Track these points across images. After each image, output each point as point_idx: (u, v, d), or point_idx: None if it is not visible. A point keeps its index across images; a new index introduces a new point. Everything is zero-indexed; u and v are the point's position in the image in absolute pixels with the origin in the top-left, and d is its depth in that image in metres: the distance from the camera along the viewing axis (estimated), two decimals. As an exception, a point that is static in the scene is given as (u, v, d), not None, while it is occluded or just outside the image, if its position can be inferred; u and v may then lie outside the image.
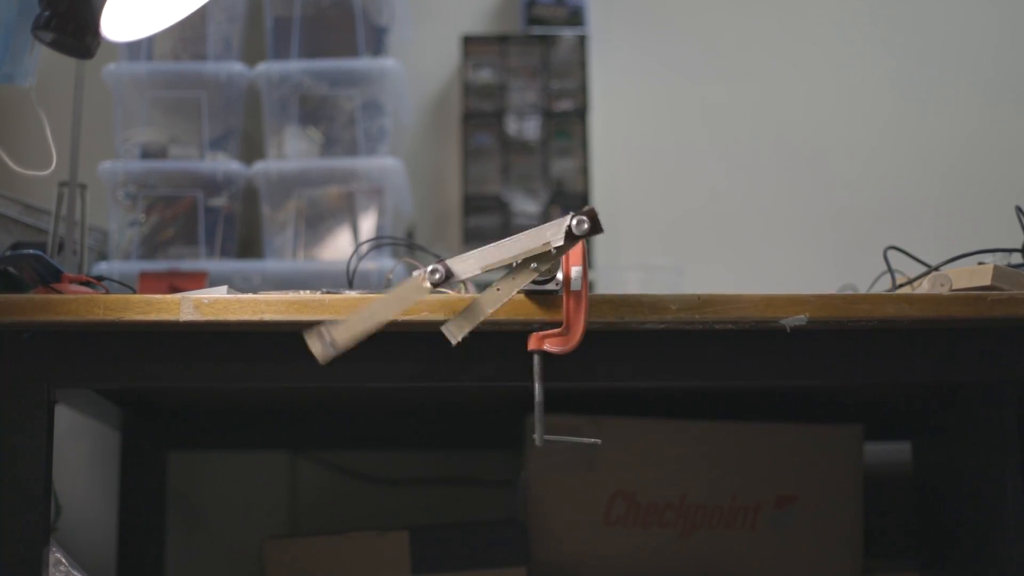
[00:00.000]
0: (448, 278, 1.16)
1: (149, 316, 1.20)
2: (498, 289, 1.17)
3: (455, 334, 1.16)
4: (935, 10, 2.37)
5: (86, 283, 1.37)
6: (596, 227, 1.15)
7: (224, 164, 2.03)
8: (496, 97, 2.25)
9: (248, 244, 2.15)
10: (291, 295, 1.22)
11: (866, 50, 2.35)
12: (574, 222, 1.15)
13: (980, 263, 1.38)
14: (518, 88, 2.25)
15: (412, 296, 1.17)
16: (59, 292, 1.30)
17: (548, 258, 1.17)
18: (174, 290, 1.60)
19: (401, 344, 1.26)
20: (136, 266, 1.95)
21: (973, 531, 1.53)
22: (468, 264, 1.17)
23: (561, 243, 1.15)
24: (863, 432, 1.78)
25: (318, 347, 1.13)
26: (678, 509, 1.74)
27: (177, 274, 1.92)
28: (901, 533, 1.89)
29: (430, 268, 1.16)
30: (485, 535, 1.71)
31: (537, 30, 2.26)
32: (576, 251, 1.20)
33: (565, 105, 2.24)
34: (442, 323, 1.20)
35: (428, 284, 1.16)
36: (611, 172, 2.28)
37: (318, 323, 1.13)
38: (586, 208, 1.15)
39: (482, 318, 1.16)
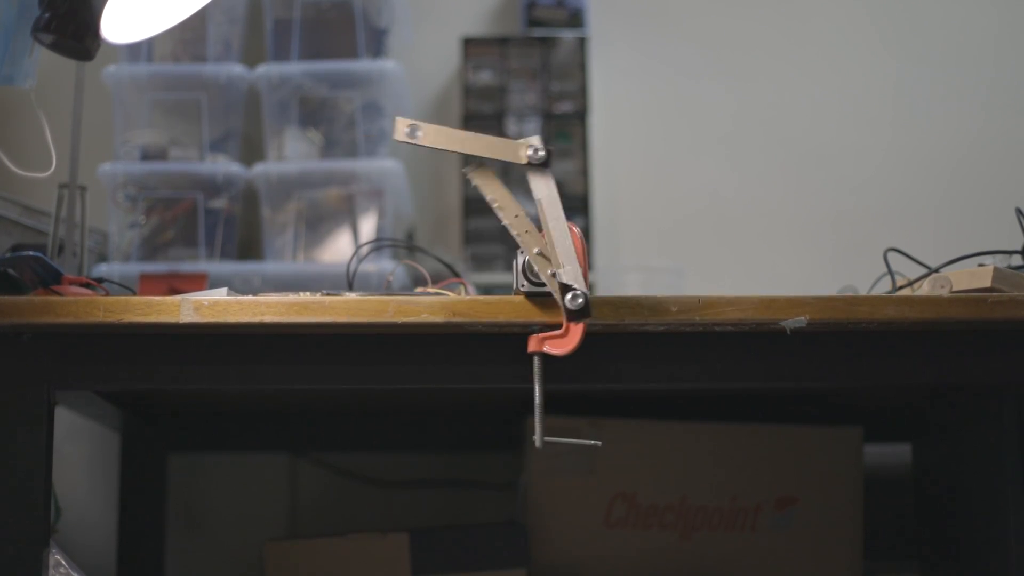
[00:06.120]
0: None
1: (149, 318, 1.20)
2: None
3: None
4: (934, 12, 2.36)
5: (86, 285, 1.37)
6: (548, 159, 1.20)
7: (224, 166, 2.03)
8: (496, 99, 2.25)
9: (248, 246, 2.15)
10: (291, 297, 1.22)
11: (867, 52, 2.35)
12: (531, 151, 1.19)
13: (980, 265, 1.37)
14: (518, 90, 2.25)
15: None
16: (59, 294, 1.30)
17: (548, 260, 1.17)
18: (174, 292, 1.60)
19: (401, 345, 1.26)
20: (136, 268, 1.95)
21: (974, 533, 1.53)
22: None
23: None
24: (863, 434, 1.78)
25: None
26: (678, 511, 1.74)
27: (177, 276, 1.92)
28: (901, 535, 1.89)
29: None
30: (485, 537, 1.71)
31: (537, 32, 2.26)
32: (576, 252, 1.19)
33: (565, 107, 2.24)
34: (442, 324, 1.20)
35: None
36: (611, 174, 2.28)
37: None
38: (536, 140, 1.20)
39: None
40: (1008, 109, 2.32)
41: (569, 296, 1.16)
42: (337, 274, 1.90)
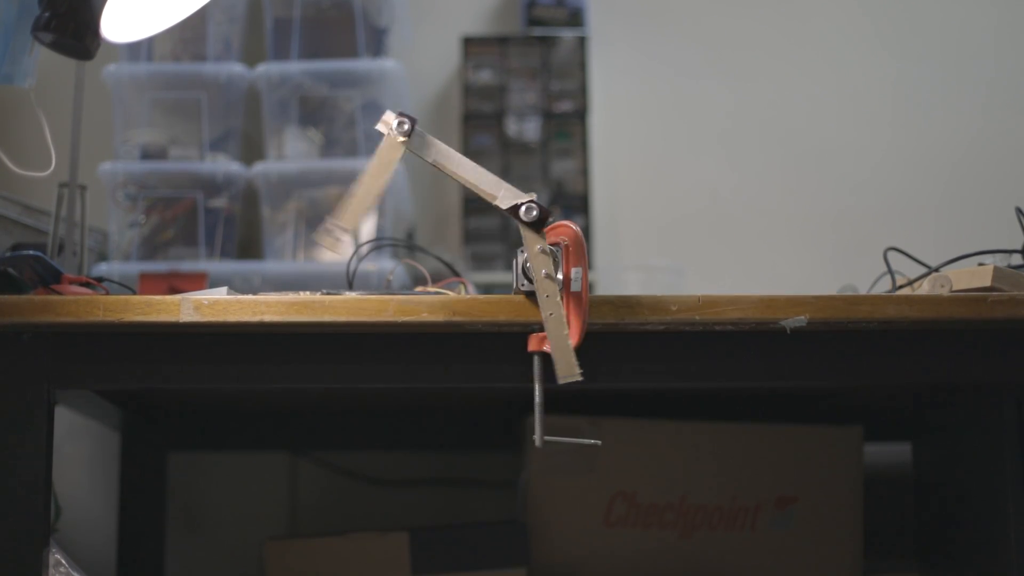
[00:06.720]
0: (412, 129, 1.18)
1: (149, 317, 1.20)
2: None
3: None
4: (934, 12, 2.37)
5: (86, 284, 1.37)
6: (543, 220, 1.17)
7: (224, 165, 2.03)
8: (496, 98, 2.25)
9: (248, 245, 2.15)
10: (291, 296, 1.22)
11: (866, 51, 2.35)
12: (524, 208, 1.17)
13: (980, 264, 1.37)
14: (518, 89, 2.25)
15: (391, 156, 1.18)
16: (59, 293, 1.30)
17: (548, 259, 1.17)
18: (174, 291, 1.60)
19: (401, 345, 1.26)
20: (136, 267, 1.95)
21: (973, 532, 1.53)
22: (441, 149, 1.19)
23: (503, 207, 1.17)
24: (863, 433, 1.78)
25: (331, 242, 1.18)
26: (678, 510, 1.73)
27: (177, 275, 1.92)
28: (901, 535, 1.89)
29: (396, 122, 1.18)
30: (485, 536, 1.71)
31: (537, 31, 2.26)
32: (576, 252, 1.20)
33: (565, 106, 2.24)
34: (442, 323, 1.20)
35: (400, 138, 1.17)
36: (611, 173, 2.28)
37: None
38: (541, 204, 1.17)
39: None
40: (1008, 109, 2.32)
41: (524, 209, 1.16)
42: (337, 273, 1.90)
